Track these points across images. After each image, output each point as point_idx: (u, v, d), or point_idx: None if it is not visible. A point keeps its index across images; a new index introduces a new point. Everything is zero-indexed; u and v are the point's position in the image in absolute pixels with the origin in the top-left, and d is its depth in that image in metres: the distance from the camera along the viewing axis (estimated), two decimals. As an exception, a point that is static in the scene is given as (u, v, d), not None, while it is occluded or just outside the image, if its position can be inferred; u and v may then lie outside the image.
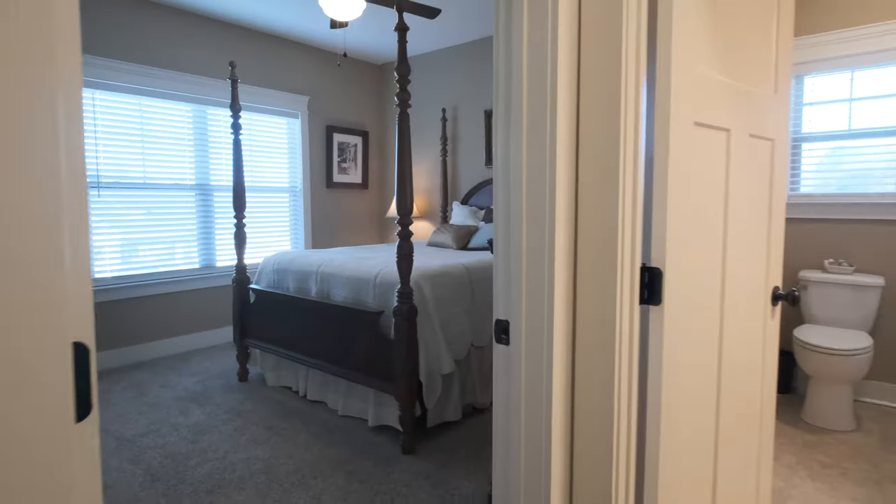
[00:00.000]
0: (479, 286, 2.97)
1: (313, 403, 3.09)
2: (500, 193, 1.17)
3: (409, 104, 2.39)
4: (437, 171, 5.23)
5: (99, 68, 3.64)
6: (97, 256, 3.74)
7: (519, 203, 1.12)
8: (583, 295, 1.12)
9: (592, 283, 1.11)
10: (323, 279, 3.04)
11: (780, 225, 1.61)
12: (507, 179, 1.15)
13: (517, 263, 1.12)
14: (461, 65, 4.96)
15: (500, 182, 1.16)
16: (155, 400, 3.18)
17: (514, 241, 1.12)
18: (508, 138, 1.15)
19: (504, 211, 1.16)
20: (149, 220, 4.00)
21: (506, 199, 1.15)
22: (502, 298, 1.16)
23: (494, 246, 1.18)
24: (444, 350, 2.60)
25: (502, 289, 1.16)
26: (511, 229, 1.13)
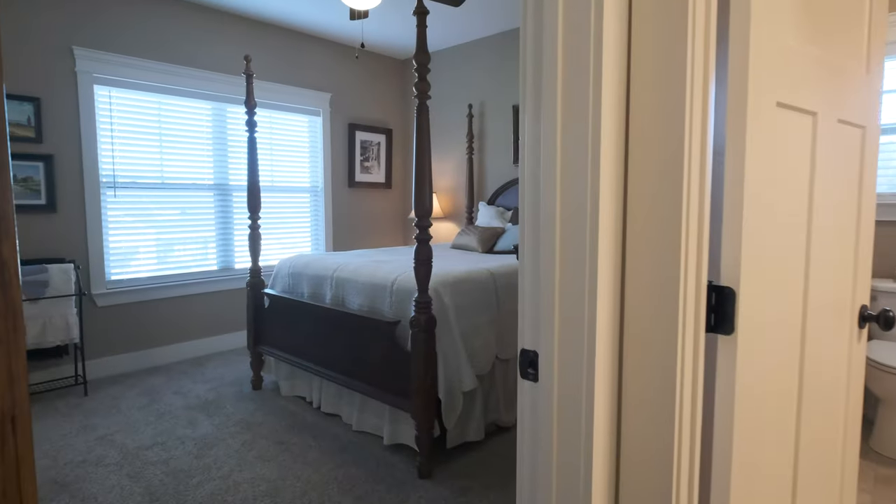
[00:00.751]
0: (506, 293, 2.74)
1: (327, 416, 2.91)
2: (526, 192, 0.94)
3: (428, 95, 2.17)
4: (462, 169, 5.01)
5: (115, 65, 3.55)
6: (112, 258, 3.65)
7: (551, 203, 0.89)
8: (632, 323, 0.89)
9: (645, 307, 0.87)
10: (338, 284, 2.85)
11: (870, 231, 1.33)
12: (535, 177, 0.92)
13: (549, 281, 0.89)
14: (488, 58, 4.72)
15: (527, 180, 0.94)
16: (165, 408, 3.05)
17: (545, 254, 0.90)
18: (538, 127, 0.92)
19: (532, 214, 0.93)
20: (166, 221, 3.90)
21: (534, 199, 0.92)
22: (529, 323, 0.93)
23: (520, 260, 0.95)
24: (466, 364, 2.37)
25: (530, 311, 0.93)
26: (541, 238, 0.91)
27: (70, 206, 3.42)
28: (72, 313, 3.19)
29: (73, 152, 3.42)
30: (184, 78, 3.88)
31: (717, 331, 0.91)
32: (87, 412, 3.00)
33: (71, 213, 3.43)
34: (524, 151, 0.94)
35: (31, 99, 3.23)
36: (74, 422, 2.87)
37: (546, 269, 0.90)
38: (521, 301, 0.95)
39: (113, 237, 3.65)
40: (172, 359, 3.92)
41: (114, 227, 3.65)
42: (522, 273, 0.95)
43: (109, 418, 2.91)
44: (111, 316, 3.63)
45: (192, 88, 3.94)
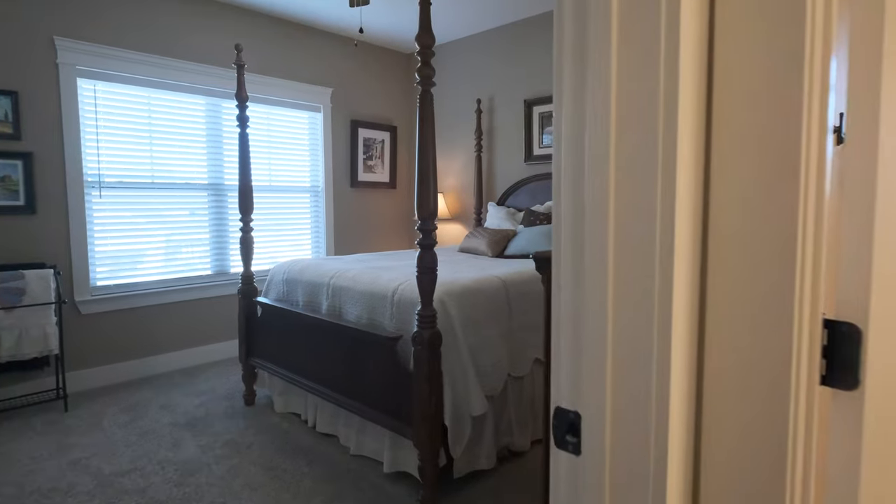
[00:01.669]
0: (519, 303, 2.48)
1: (323, 437, 2.67)
2: (563, 191, 0.68)
3: (432, 82, 1.92)
4: (470, 168, 4.75)
5: (100, 57, 3.32)
6: (98, 263, 3.43)
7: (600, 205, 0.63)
8: (717, 375, 0.62)
9: (738, 351, 0.61)
10: (335, 293, 2.61)
11: None
12: (576, 169, 0.66)
13: (597, 314, 0.63)
14: (497, 51, 4.46)
15: (565, 175, 0.68)
16: (149, 426, 2.82)
17: (592, 277, 0.64)
18: (582, 98, 0.66)
19: (572, 222, 0.67)
20: (156, 223, 3.67)
21: (575, 200, 0.66)
22: (568, 373, 0.67)
23: (555, 285, 0.69)
24: (475, 385, 2.11)
25: (568, 356, 0.67)
26: (585, 255, 0.65)
27: (51, 208, 3.20)
28: (50, 323, 2.96)
29: (54, 150, 3.20)
30: (175, 71, 3.66)
31: (834, 384, 0.64)
32: (64, 430, 2.77)
33: (52, 215, 3.20)
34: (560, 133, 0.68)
35: (8, 93, 3.01)
36: (50, 442, 2.64)
37: (593, 297, 0.64)
38: (556, 340, 0.70)
39: (98, 240, 3.43)
40: (162, 369, 3.69)
41: (99, 229, 3.43)
42: (557, 303, 0.69)
43: (88, 437, 2.68)
44: (96, 324, 3.40)
45: (184, 82, 3.71)
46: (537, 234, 3.42)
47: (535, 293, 2.57)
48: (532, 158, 4.27)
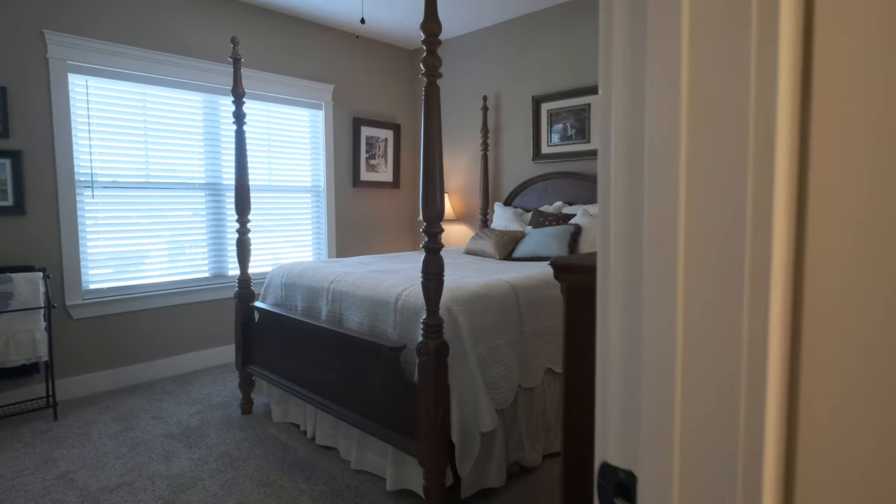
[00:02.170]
0: (529, 309, 2.34)
1: (322, 450, 2.53)
2: (615, 190, 0.54)
3: (439, 73, 1.78)
4: (476, 167, 4.61)
5: (93, 52, 3.20)
6: (90, 266, 3.31)
7: (669, 210, 0.49)
8: (822, 430, 0.48)
9: (856, 400, 0.47)
10: (334, 298, 2.47)
11: None
12: (631, 160, 0.52)
13: (663, 351, 0.49)
14: (504, 46, 4.32)
15: (618, 169, 0.53)
16: (141, 437, 2.69)
17: (655, 301, 0.50)
18: (641, 78, 0.52)
19: (625, 225, 0.53)
20: (152, 224, 3.55)
21: (629, 200, 0.52)
22: (617, 420, 0.53)
23: (600, 294, 0.55)
24: (485, 399, 1.97)
25: (618, 396, 0.53)
26: (644, 272, 0.51)
27: (41, 208, 3.08)
28: (39, 328, 2.84)
29: (44, 148, 3.08)
30: (171, 67, 3.53)
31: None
32: (52, 441, 2.65)
33: (42, 216, 3.08)
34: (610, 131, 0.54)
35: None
36: (36, 454, 2.51)
37: (654, 323, 0.50)
38: (602, 376, 0.56)
39: (91, 242, 3.30)
40: (156, 376, 3.56)
41: (92, 231, 3.30)
42: (604, 329, 0.55)
43: (76, 449, 2.56)
44: (88, 329, 3.28)
45: (180, 78, 3.59)
46: (547, 236, 3.28)
47: (546, 299, 2.43)
48: (540, 157, 4.13)
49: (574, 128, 3.89)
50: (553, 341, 2.43)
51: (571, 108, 3.89)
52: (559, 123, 3.99)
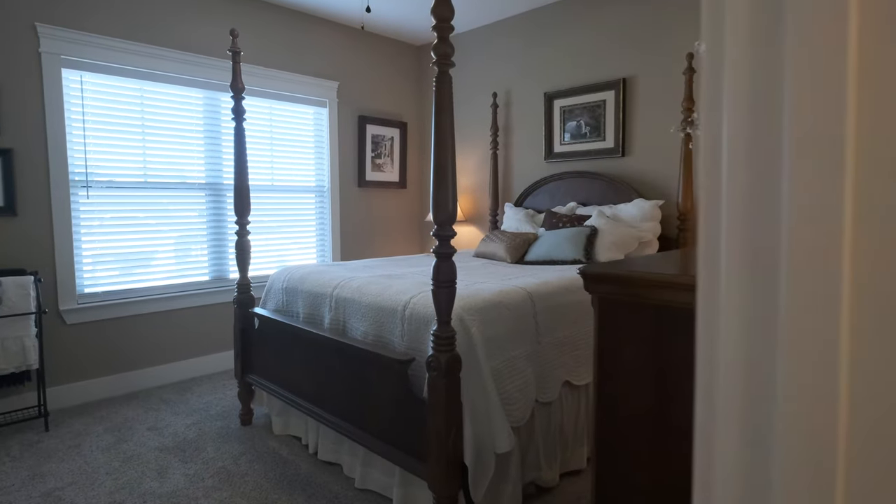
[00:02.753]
0: (547, 318, 2.18)
1: (325, 466, 2.38)
2: (730, 173, 0.38)
3: (451, 61, 1.63)
4: (485, 167, 4.46)
5: (88, 46, 3.07)
6: (85, 269, 3.18)
7: (829, 203, 0.33)
8: None
9: None
10: (338, 305, 2.32)
11: None
12: (761, 143, 0.36)
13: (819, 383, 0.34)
14: (515, 41, 4.17)
15: (735, 152, 0.38)
16: (134, 450, 2.55)
17: (804, 309, 0.34)
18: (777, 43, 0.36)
19: (747, 222, 0.37)
20: (149, 225, 3.42)
21: (752, 192, 0.36)
22: (736, 486, 0.38)
23: (702, 313, 0.40)
24: (500, 416, 1.82)
25: (736, 453, 0.38)
26: (783, 277, 0.35)
27: (33, 209, 2.95)
28: (29, 335, 2.71)
29: (37, 146, 2.95)
30: (170, 62, 3.40)
31: None
32: (41, 454, 2.51)
33: (34, 217, 2.96)
34: (722, 104, 0.39)
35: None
36: (23, 468, 2.38)
37: (806, 366, 0.34)
38: (705, 420, 0.40)
39: (86, 245, 3.17)
40: (154, 383, 3.43)
41: (87, 232, 3.17)
42: (708, 357, 0.40)
43: (66, 463, 2.42)
44: (83, 335, 3.15)
45: (179, 74, 3.46)
46: (561, 239, 3.12)
47: (564, 306, 2.28)
48: (553, 156, 3.97)
49: (589, 125, 3.73)
50: (570, 352, 2.28)
51: (586, 105, 3.73)
52: (573, 121, 3.83)
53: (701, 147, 0.40)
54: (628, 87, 3.52)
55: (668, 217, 3.30)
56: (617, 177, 3.55)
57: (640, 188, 3.48)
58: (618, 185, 3.52)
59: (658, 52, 3.36)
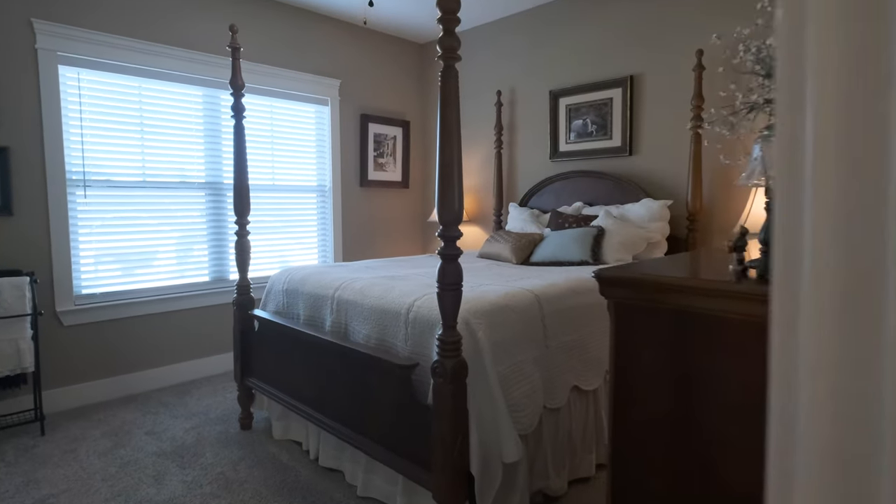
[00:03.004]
0: (554, 321, 2.12)
1: (326, 472, 2.32)
2: (819, 160, 0.31)
3: (457, 55, 1.57)
4: (489, 166, 4.39)
5: (85, 43, 3.01)
6: (83, 270, 3.12)
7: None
8: None
9: None
10: (339, 307, 2.26)
11: None
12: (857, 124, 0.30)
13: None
14: (520, 38, 4.10)
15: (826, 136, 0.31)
16: (131, 455, 2.49)
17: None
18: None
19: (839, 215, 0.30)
20: (148, 225, 3.36)
21: (847, 179, 0.30)
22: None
23: (778, 320, 0.33)
24: (507, 424, 1.76)
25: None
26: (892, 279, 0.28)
27: (30, 208, 2.90)
28: (25, 337, 2.65)
29: (33, 145, 2.89)
30: (169, 59, 3.34)
31: None
32: (37, 459, 2.46)
33: (31, 217, 2.90)
34: (805, 73, 0.32)
35: (-20, 81, 2.71)
36: (17, 474, 2.32)
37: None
38: (779, 446, 0.33)
39: (83, 245, 3.12)
40: (153, 386, 3.37)
41: (84, 232, 3.12)
42: (786, 380, 0.33)
43: (62, 469, 2.37)
44: (80, 337, 3.09)
45: (179, 72, 3.40)
46: (567, 239, 3.05)
47: (572, 309, 2.21)
48: (558, 155, 3.90)
49: (595, 124, 3.67)
50: (578, 356, 2.21)
51: (592, 103, 3.66)
52: (578, 119, 3.76)
53: (777, 138, 0.33)
54: (636, 84, 3.45)
55: (676, 217, 3.23)
56: (624, 176, 3.49)
57: (648, 188, 3.41)
58: (625, 184, 3.45)
59: (666, 48, 3.29)
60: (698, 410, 1.01)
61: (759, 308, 0.93)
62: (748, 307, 0.94)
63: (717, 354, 0.98)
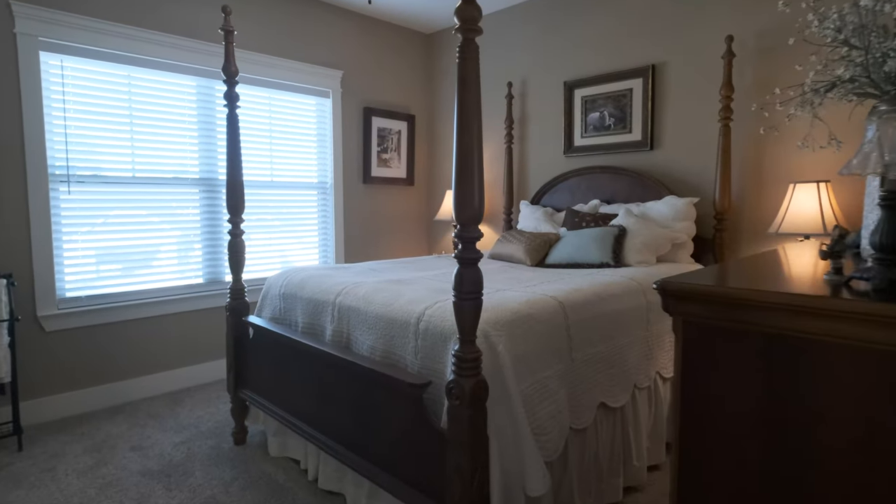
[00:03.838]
0: (580, 332, 1.90)
1: (326, 496, 2.11)
2: None
3: (478, 27, 1.35)
4: (499, 162, 4.18)
5: (69, 27, 2.81)
6: (67, 271, 2.91)
7: None
8: None
9: None
10: (341, 315, 2.05)
11: None
12: None
13: None
14: (532, 26, 3.88)
15: None
16: (114, 474, 2.28)
17: None
18: None
19: None
20: (138, 223, 3.15)
21: None
22: None
23: None
24: (532, 451, 1.54)
25: None
26: None
27: (7, 205, 2.69)
28: (1, 344, 2.45)
29: (12, 137, 2.69)
30: (160, 46, 3.13)
31: None
32: (11, 479, 2.25)
33: (8, 214, 2.69)
34: None
35: (-48, 67, 2.51)
36: (-12, 496, 2.12)
37: None
38: None
39: (67, 245, 2.91)
40: (142, 395, 3.17)
41: (69, 231, 2.91)
42: None
43: (37, 490, 2.16)
44: (64, 343, 2.89)
45: (171, 60, 3.19)
46: (587, 239, 2.84)
47: (598, 317, 2.00)
48: (573, 150, 3.68)
49: (613, 116, 3.44)
50: (605, 370, 2.00)
51: (610, 95, 3.44)
52: (595, 112, 3.54)
53: None
54: (657, 74, 3.23)
55: (702, 216, 3.01)
56: (645, 172, 3.26)
57: (671, 184, 3.19)
58: (646, 180, 3.23)
59: (691, 35, 3.06)
60: (797, 465, 0.80)
61: (884, 333, 0.72)
62: (870, 332, 0.72)
63: (824, 391, 0.76)
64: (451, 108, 4.53)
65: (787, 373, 0.79)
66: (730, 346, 0.84)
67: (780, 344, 0.79)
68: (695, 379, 0.88)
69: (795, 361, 0.79)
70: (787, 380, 0.79)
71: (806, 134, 1.49)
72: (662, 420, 2.31)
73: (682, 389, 0.89)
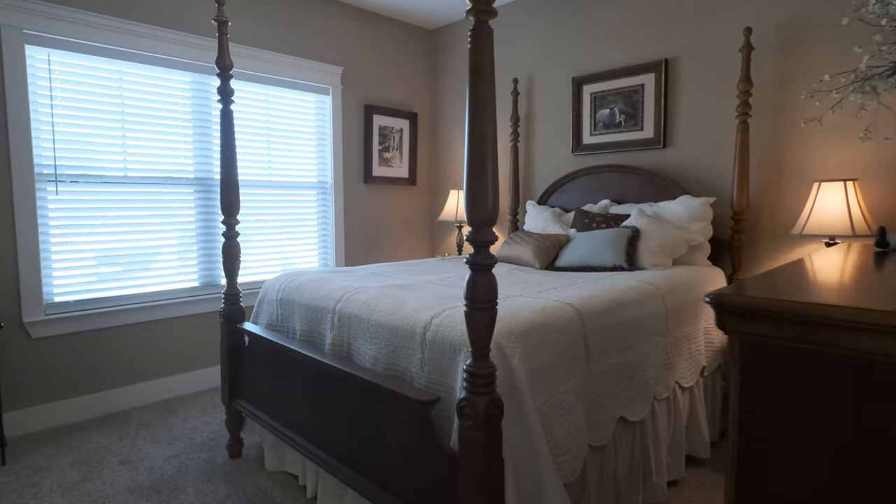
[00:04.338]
0: (598, 341, 1.77)
1: (326, 516, 1.98)
2: None
3: (492, 9, 1.22)
4: (504, 161, 4.04)
5: (56, 20, 2.68)
6: (55, 275, 2.78)
7: None
8: None
9: None
10: (342, 323, 1.92)
11: None
12: None
13: None
14: (539, 20, 3.75)
15: None
16: (101, 491, 2.15)
17: None
18: None
19: None
20: (130, 225, 3.02)
21: None
22: None
23: None
24: (550, 474, 1.41)
25: None
26: None
27: (-8, 206, 2.56)
28: (-18, 353, 2.32)
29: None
30: (154, 41, 3.00)
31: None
32: (-9, 496, 2.12)
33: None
34: None
35: (-68, 60, 2.38)
36: (-34, 515, 1.99)
37: None
38: None
39: (55, 247, 2.78)
40: (134, 404, 3.04)
41: (57, 233, 2.78)
42: None
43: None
44: (52, 350, 2.76)
45: (164, 55, 3.06)
46: (599, 241, 2.71)
47: (616, 326, 1.87)
48: (581, 148, 3.55)
49: (624, 113, 3.31)
50: (623, 381, 1.87)
51: (621, 90, 3.31)
52: (605, 109, 3.41)
53: None
54: (671, 68, 3.10)
55: (718, 217, 2.88)
56: (657, 171, 3.13)
57: (685, 183, 3.06)
58: (658, 180, 3.10)
59: (706, 27, 2.93)
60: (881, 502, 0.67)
61: None
62: None
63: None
64: (454, 105, 4.40)
65: (872, 404, 0.66)
66: (806, 371, 0.71)
67: (866, 370, 0.67)
68: (758, 406, 0.75)
69: (884, 391, 0.66)
70: (871, 411, 0.66)
71: (869, 124, 1.36)
72: (682, 433, 2.18)
73: (741, 417, 0.76)
